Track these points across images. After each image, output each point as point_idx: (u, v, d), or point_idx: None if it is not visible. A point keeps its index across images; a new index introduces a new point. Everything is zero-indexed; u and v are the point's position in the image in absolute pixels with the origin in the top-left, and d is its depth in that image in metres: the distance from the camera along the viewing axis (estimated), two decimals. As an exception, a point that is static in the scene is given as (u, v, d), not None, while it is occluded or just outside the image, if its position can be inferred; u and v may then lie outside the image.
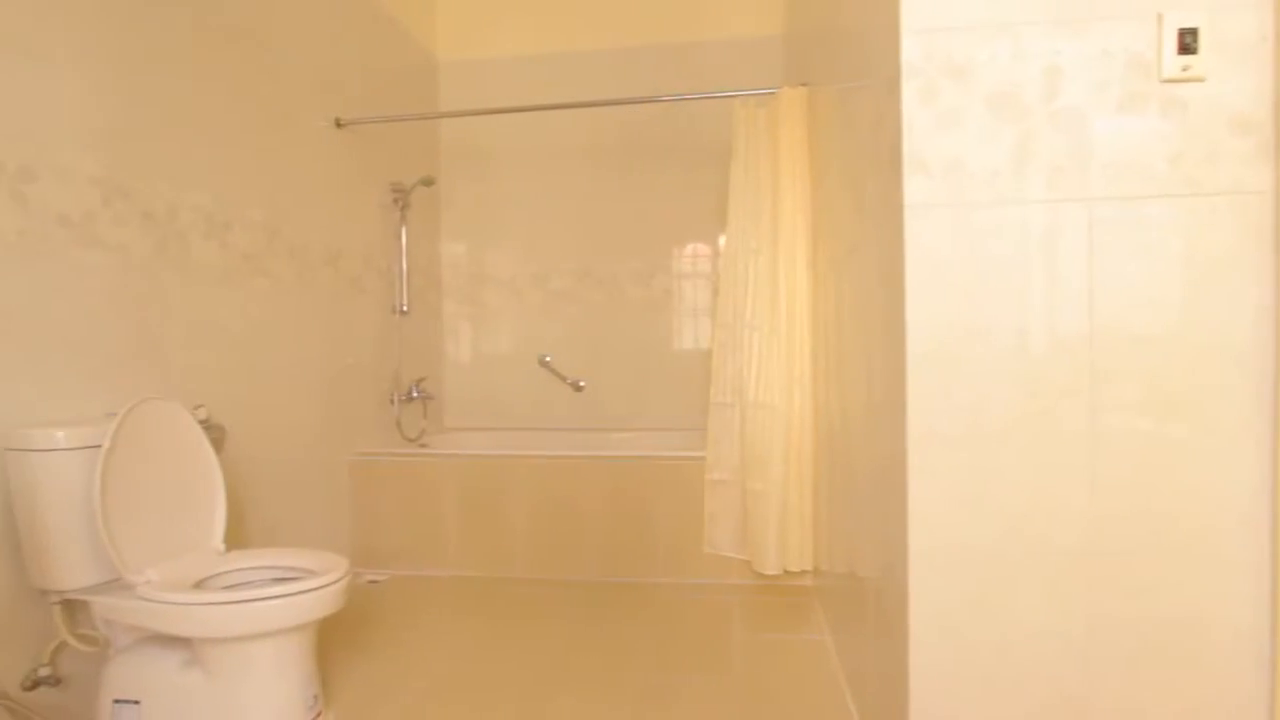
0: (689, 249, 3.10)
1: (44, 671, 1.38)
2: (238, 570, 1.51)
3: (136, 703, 1.36)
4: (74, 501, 1.33)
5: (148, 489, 1.45)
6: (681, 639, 1.92)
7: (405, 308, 2.83)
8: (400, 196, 2.80)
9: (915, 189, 1.03)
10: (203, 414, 1.73)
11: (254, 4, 2.04)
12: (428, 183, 2.84)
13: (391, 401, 2.77)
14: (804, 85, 2.22)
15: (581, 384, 3.13)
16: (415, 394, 2.88)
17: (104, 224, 1.55)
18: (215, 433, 1.75)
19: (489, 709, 1.56)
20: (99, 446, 1.35)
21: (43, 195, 1.41)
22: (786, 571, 2.23)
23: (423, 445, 2.80)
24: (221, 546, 1.59)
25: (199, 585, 1.41)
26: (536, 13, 3.18)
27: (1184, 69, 0.98)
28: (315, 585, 1.35)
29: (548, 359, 3.15)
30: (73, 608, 1.41)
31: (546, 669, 1.75)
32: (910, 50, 1.03)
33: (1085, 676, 1.02)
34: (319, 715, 1.46)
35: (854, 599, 1.55)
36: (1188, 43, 0.98)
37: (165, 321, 1.72)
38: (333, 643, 1.86)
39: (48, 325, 1.42)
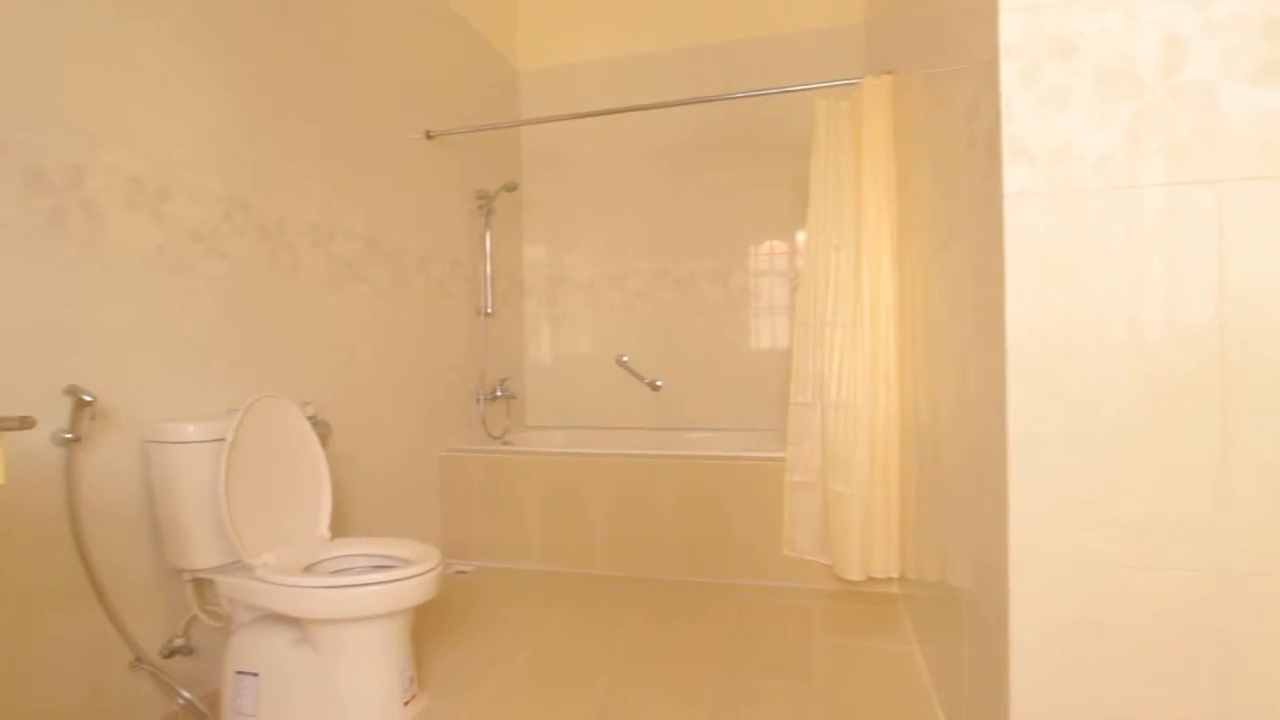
0: (766, 246, 3.05)
1: (179, 642, 1.53)
2: (342, 557, 1.62)
3: (255, 675, 1.48)
4: (202, 489, 1.47)
5: (263, 479, 1.58)
6: (760, 641, 1.90)
7: (489, 310, 2.94)
8: (484, 202, 2.91)
9: (1016, 177, 0.97)
10: (310, 411, 1.86)
11: (352, 28, 2.18)
12: (510, 188, 2.94)
13: (477, 400, 2.88)
14: (889, 73, 2.14)
15: (659, 383, 3.15)
16: (499, 393, 2.99)
17: (226, 237, 1.70)
18: (321, 428, 1.88)
19: (570, 700, 1.60)
20: (223, 440, 1.48)
21: (177, 212, 1.57)
22: (871, 578, 2.16)
23: (506, 443, 2.90)
24: (327, 534, 1.71)
25: (308, 570, 1.52)
26: (612, 18, 3.22)
27: (1335, 30, 0.88)
28: (412, 574, 1.43)
29: (625, 359, 3.18)
30: (202, 586, 1.56)
31: (626, 664, 1.77)
32: (1009, 29, 0.97)
33: (1218, 707, 0.93)
34: (414, 697, 1.55)
35: (946, 609, 1.47)
36: (1340, 0, 0.87)
37: (276, 325, 1.86)
38: (424, 629, 1.96)
39: (180, 330, 1.58)
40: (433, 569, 1.47)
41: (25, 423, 0.84)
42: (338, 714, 1.43)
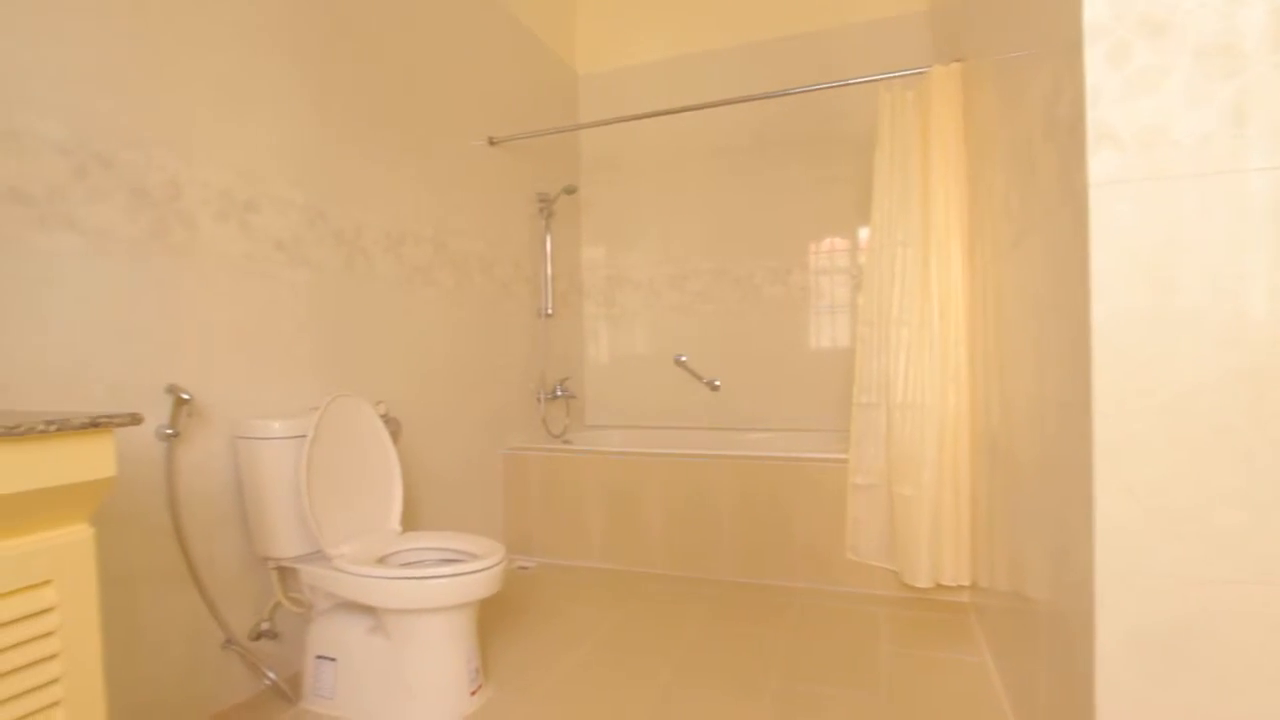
0: (826, 244, 2.99)
1: (265, 626, 1.63)
2: (412, 550, 1.68)
3: (334, 659, 1.56)
4: (286, 482, 1.56)
5: (340, 474, 1.66)
6: (822, 647, 1.86)
7: (550, 311, 2.99)
8: (545, 205, 2.96)
9: (1102, 164, 0.92)
10: (382, 409, 1.94)
11: (420, 40, 2.26)
12: (570, 191, 2.98)
13: (538, 399, 2.94)
14: (958, 61, 2.06)
15: (717, 383, 3.13)
16: (559, 393, 3.04)
17: (307, 245, 1.79)
18: (392, 426, 1.96)
19: (630, 696, 1.61)
20: (304, 436, 1.57)
21: (263, 223, 1.67)
22: (939, 585, 2.09)
23: (566, 442, 2.94)
24: (398, 527, 1.78)
25: (381, 561, 1.59)
26: (669, 19, 3.22)
27: None
28: (478, 568, 1.47)
29: (683, 359, 3.18)
30: (285, 574, 1.65)
31: (685, 662, 1.77)
32: (1095, 8, 0.92)
33: (1335, 734, 0.85)
34: (480, 687, 1.59)
35: (1023, 620, 1.41)
36: None
37: (352, 327, 1.95)
38: (488, 623, 2.01)
39: (265, 332, 1.68)
40: (498, 563, 1.51)
41: (134, 419, 0.91)
42: (409, 700, 1.49)
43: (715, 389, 3.13)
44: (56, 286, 1.25)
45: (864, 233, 2.89)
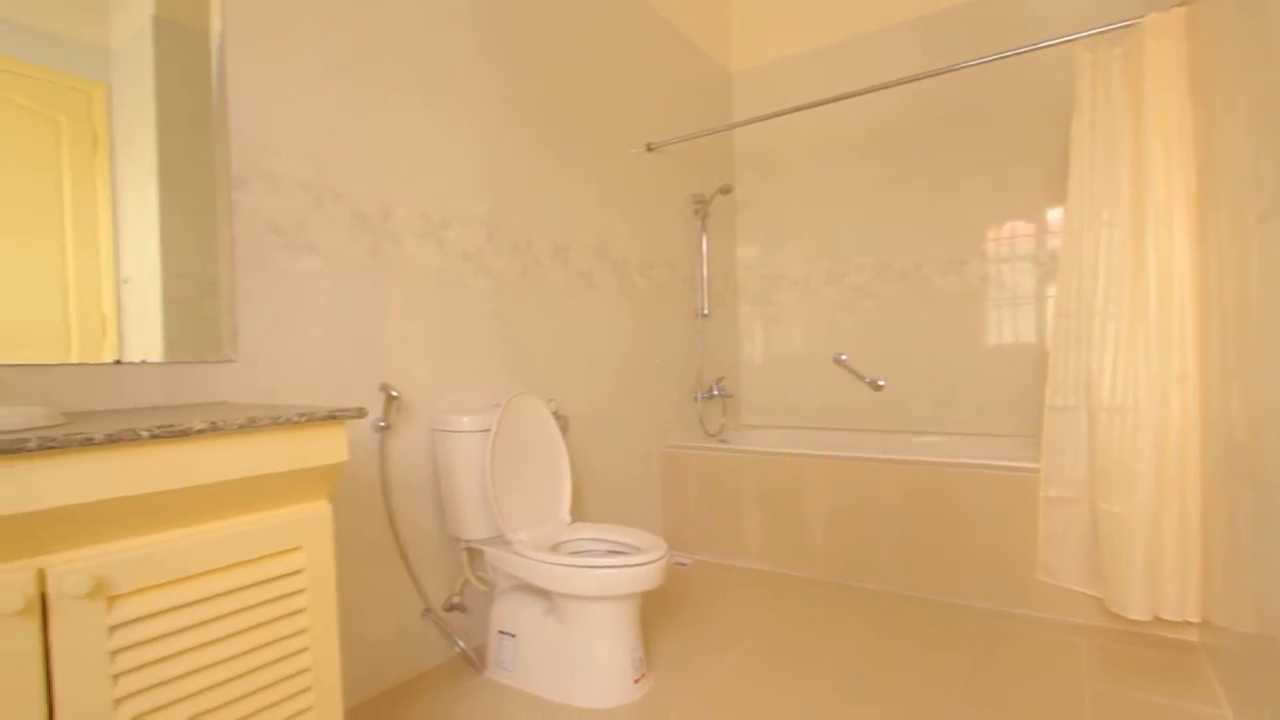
0: (1007, 229, 2.69)
1: (456, 599, 1.82)
2: (580, 539, 1.79)
3: (514, 635, 1.70)
4: (473, 471, 1.73)
5: (519, 466, 1.81)
6: (1008, 675, 1.69)
7: (706, 311, 3.01)
8: (701, 207, 2.99)
9: (1402, 114, 0.74)
10: (553, 406, 2.08)
11: (583, 57, 2.39)
12: (725, 191, 2.98)
13: (695, 398, 2.98)
14: (1181, 4, 1.76)
15: (881, 383, 2.96)
16: (715, 392, 3.05)
17: (488, 256, 1.98)
18: (561, 422, 2.09)
19: (793, 704, 1.57)
20: (489, 430, 1.73)
21: (453, 238, 1.87)
22: (1158, 619, 1.80)
23: (722, 440, 2.95)
24: (568, 518, 1.89)
25: (554, 549, 1.71)
26: (823, 4, 3.10)
27: None
28: (644, 560, 1.53)
29: (844, 357, 3.04)
30: (473, 554, 1.83)
31: (848, 675, 1.69)
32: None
33: None
34: (643, 676, 1.65)
35: (1275, 670, 1.17)
36: None
37: (526, 330, 2.12)
38: (648, 616, 2.07)
39: (455, 336, 1.87)
40: (662, 558, 1.56)
41: (360, 413, 1.07)
42: (577, 682, 1.59)
43: (879, 389, 2.96)
44: (303, 301, 1.50)
45: (1055, 214, 2.57)
